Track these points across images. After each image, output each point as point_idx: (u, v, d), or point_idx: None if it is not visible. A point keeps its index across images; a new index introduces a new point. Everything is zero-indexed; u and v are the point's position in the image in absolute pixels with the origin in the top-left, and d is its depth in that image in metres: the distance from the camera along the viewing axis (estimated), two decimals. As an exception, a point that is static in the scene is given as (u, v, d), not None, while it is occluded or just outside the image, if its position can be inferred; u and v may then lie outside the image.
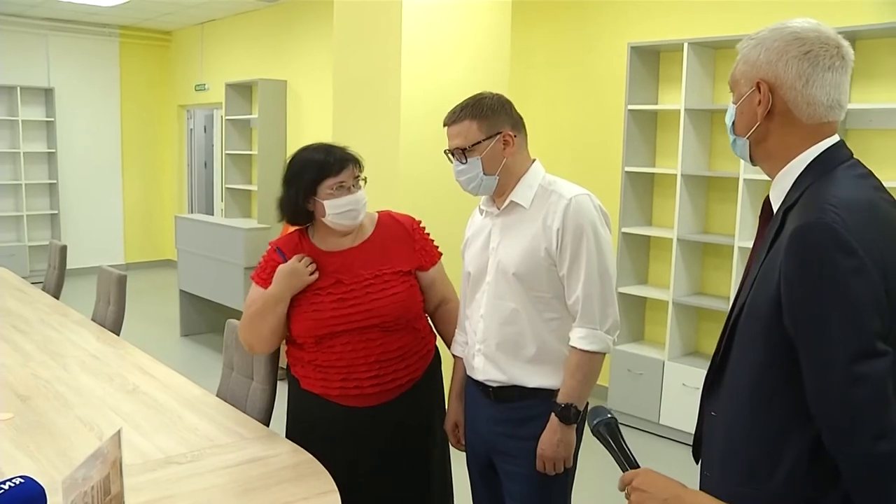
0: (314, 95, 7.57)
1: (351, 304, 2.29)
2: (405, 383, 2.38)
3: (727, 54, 4.59)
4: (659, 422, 4.70)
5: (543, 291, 2.11)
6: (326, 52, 7.12)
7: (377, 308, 2.30)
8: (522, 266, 2.10)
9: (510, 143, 2.14)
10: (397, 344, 2.34)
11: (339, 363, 2.30)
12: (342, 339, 2.29)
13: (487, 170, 2.13)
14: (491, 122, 2.12)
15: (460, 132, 2.13)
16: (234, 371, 2.91)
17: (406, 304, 2.35)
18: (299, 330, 2.31)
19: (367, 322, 2.29)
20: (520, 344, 2.13)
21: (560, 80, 5.59)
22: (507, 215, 2.18)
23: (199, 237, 6.47)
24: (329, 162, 2.30)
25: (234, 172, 8.50)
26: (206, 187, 10.14)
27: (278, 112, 7.88)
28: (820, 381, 1.23)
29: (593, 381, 2.12)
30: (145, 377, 2.92)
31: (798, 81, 1.35)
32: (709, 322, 4.80)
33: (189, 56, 9.70)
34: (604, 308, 2.09)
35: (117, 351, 3.27)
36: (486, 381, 2.20)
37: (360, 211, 2.33)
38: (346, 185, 2.29)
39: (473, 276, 2.24)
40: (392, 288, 2.33)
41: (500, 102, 2.16)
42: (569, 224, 2.07)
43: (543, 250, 2.08)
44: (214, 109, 9.57)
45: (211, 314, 6.84)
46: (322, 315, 2.28)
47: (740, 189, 4.32)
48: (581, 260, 2.06)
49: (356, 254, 2.37)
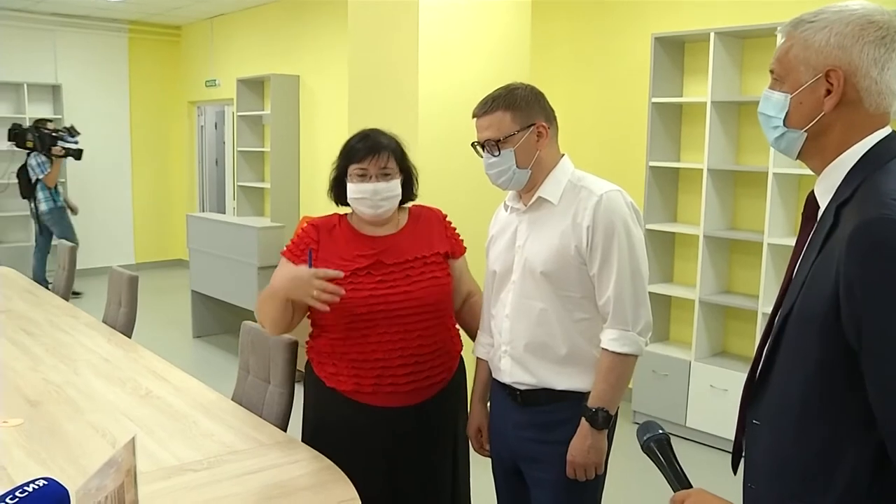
0: (328, 91, 7.57)
1: (390, 285, 2.30)
2: (439, 381, 2.39)
3: (756, 44, 4.53)
4: (686, 424, 4.66)
5: (573, 291, 2.09)
6: (341, 46, 7.14)
7: (417, 291, 2.31)
8: (551, 264, 2.09)
9: (544, 134, 2.13)
10: (433, 338, 2.35)
11: (373, 356, 2.29)
12: (378, 328, 2.28)
13: (521, 163, 2.11)
14: (525, 113, 2.11)
15: (492, 123, 2.11)
16: (250, 374, 2.89)
17: (446, 289, 2.39)
18: (334, 310, 2.21)
19: (405, 304, 2.29)
20: (549, 345, 2.12)
21: (582, 74, 5.56)
22: (535, 211, 2.16)
23: (211, 236, 6.48)
24: (357, 148, 2.34)
25: (246, 170, 8.52)
26: (218, 185, 10.17)
27: (291, 108, 7.89)
28: (886, 386, 1.17)
29: (625, 385, 2.10)
30: (158, 381, 2.90)
31: (873, 68, 1.29)
32: (737, 321, 4.76)
33: (199, 51, 9.72)
34: (636, 309, 2.06)
35: (129, 354, 3.26)
36: (514, 384, 2.18)
37: (378, 203, 2.33)
38: (369, 174, 2.31)
39: (499, 275, 2.23)
40: (432, 272, 2.36)
41: (534, 93, 2.15)
42: (599, 221, 2.05)
43: (573, 248, 2.07)
44: (225, 106, 9.58)
45: (224, 315, 6.85)
46: (360, 294, 2.27)
47: (770, 184, 4.27)
48: (612, 259, 2.04)
49: (397, 238, 2.39)
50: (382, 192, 2.32)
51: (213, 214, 7.63)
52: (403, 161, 2.40)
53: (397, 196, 2.37)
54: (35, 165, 8.08)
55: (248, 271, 5.99)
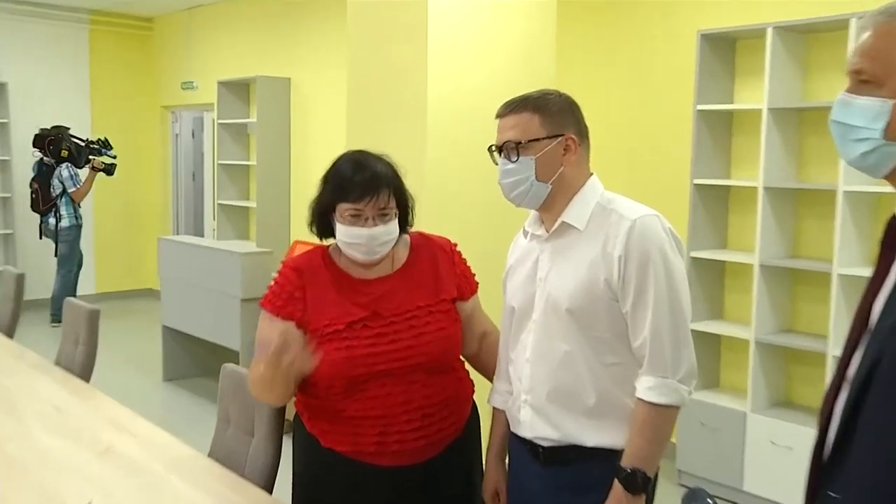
0: (324, 95, 7.59)
1: (391, 339, 2.30)
2: (451, 433, 2.40)
3: (822, 40, 4.52)
4: (742, 488, 4.61)
5: (603, 331, 2.09)
6: (339, 45, 7.15)
7: (422, 345, 2.32)
8: (577, 300, 2.09)
9: (572, 149, 2.15)
10: (441, 386, 2.37)
11: (374, 412, 2.30)
12: (378, 381, 2.29)
13: (541, 175, 2.13)
14: (556, 120, 2.14)
15: (518, 123, 2.14)
16: (231, 425, 2.89)
17: (454, 339, 2.41)
18: (326, 372, 2.27)
19: (409, 361, 2.30)
20: (575, 394, 2.11)
21: (615, 77, 5.55)
22: (558, 239, 2.17)
23: (186, 263, 6.46)
24: (352, 183, 2.29)
25: (228, 186, 8.53)
26: (195, 204, 10.20)
27: (281, 115, 7.92)
28: None
29: (665, 441, 2.08)
30: (121, 434, 2.89)
31: None
32: (801, 366, 4.72)
33: (174, 48, 9.79)
34: (676, 352, 2.06)
35: (87, 402, 3.25)
36: (535, 440, 2.18)
37: (374, 249, 2.32)
38: (364, 216, 2.29)
39: (518, 312, 2.23)
40: (438, 321, 2.37)
41: (569, 103, 2.19)
42: (633, 251, 2.05)
43: (603, 282, 2.07)
44: (204, 111, 9.63)
45: (201, 356, 6.82)
46: (356, 353, 2.28)
47: (839, 203, 4.25)
48: (648, 294, 2.04)
49: (394, 282, 2.39)
50: (381, 237, 2.31)
51: (188, 238, 7.60)
52: (400, 192, 2.38)
53: (394, 238, 2.37)
54: (67, 177, 8.46)
55: (229, 304, 5.97)
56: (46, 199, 8.54)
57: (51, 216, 8.55)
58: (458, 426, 2.44)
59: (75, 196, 8.52)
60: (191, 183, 10.30)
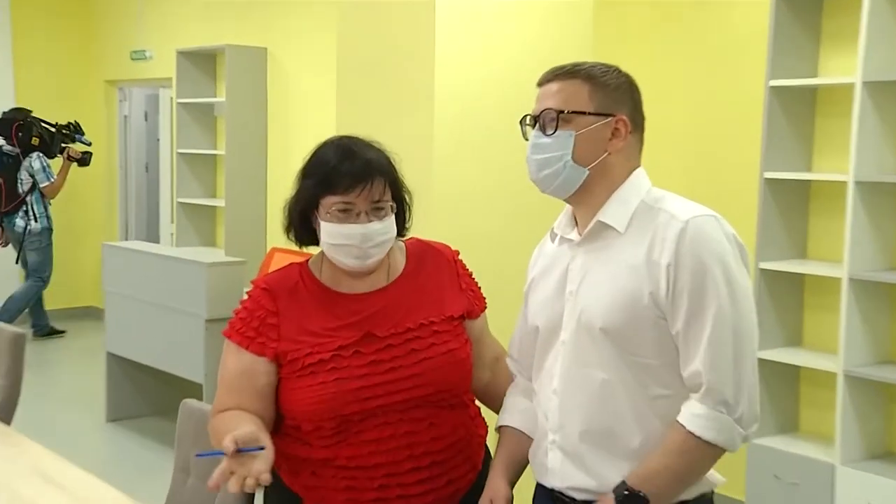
0: (309, 70, 7.59)
1: (389, 367, 2.33)
2: (463, 486, 2.44)
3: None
4: (828, 560, 4.59)
5: (648, 356, 2.11)
6: (327, 7, 7.10)
7: (427, 372, 2.35)
8: (614, 317, 2.11)
9: (622, 134, 2.19)
10: (453, 425, 2.41)
11: (372, 461, 2.32)
12: (376, 420, 2.31)
13: (578, 155, 2.16)
14: (609, 96, 2.18)
15: (563, 90, 2.18)
16: (191, 476, 2.87)
17: (465, 364, 2.45)
18: (310, 413, 2.29)
19: (412, 394, 2.33)
20: (615, 433, 2.13)
21: (665, 47, 5.54)
22: (593, 242, 2.20)
23: (138, 276, 6.44)
24: (337, 171, 2.32)
25: (190, 181, 8.54)
26: (149, 202, 10.25)
27: (256, 93, 7.94)
28: None
29: (690, 481, 2.10)
30: (50, 487, 2.86)
31: None
32: (905, 406, 4.71)
33: (122, 9, 9.77)
34: (737, 385, 2.06)
35: (7, 449, 3.24)
36: (567, 491, 2.19)
37: (368, 251, 2.34)
38: (355, 211, 2.32)
39: (543, 333, 2.27)
40: (445, 342, 2.40)
41: (628, 82, 2.25)
42: (685, 258, 2.06)
43: (647, 296, 2.08)
44: (161, 88, 9.66)
45: (155, 390, 6.80)
46: (347, 386, 2.29)
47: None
48: (705, 313, 2.05)
49: (390, 295, 2.42)
50: (376, 237, 2.33)
51: (141, 244, 7.64)
52: (396, 185, 2.43)
53: (392, 238, 2.40)
54: (39, 169, 8.60)
55: (191, 326, 5.95)
56: (12, 195, 8.61)
57: (17, 216, 8.64)
58: (472, 476, 2.47)
59: (49, 191, 8.66)
60: (143, 176, 10.38)
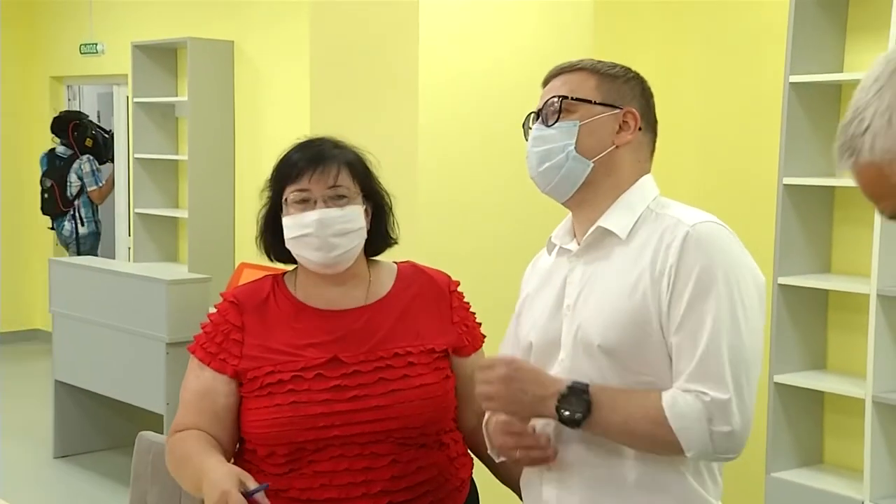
0: (281, 65, 7.59)
1: (352, 395, 2.36)
2: None
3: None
4: None
5: (651, 374, 2.11)
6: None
7: (393, 405, 2.38)
8: (613, 333, 2.11)
9: (630, 126, 2.22)
10: (418, 465, 2.42)
11: (324, 494, 2.36)
12: (332, 451, 2.36)
13: (582, 146, 2.19)
14: (616, 88, 2.24)
15: (569, 81, 2.24)
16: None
17: (440, 403, 2.46)
18: (262, 434, 2.36)
19: (375, 427, 2.36)
20: (615, 464, 2.15)
21: (675, 39, 5.55)
22: (594, 251, 2.21)
23: (90, 294, 6.39)
24: (291, 160, 2.43)
25: (149, 189, 8.53)
26: (104, 213, 10.12)
27: (222, 91, 7.94)
28: None
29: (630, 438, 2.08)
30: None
31: None
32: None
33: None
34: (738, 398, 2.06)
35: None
36: None
37: (328, 241, 2.37)
38: (312, 199, 2.38)
39: (538, 351, 2.27)
40: (420, 376, 2.43)
41: (638, 80, 2.30)
42: (688, 263, 2.06)
43: (649, 310, 2.10)
44: (114, 85, 9.65)
45: (109, 422, 6.78)
46: (304, 411, 2.33)
47: None
48: (704, 324, 2.03)
49: (367, 316, 2.45)
50: (335, 224, 2.36)
51: (93, 259, 7.63)
52: (367, 180, 2.47)
53: (359, 231, 2.42)
54: (89, 172, 8.96)
55: (150, 350, 5.87)
56: (64, 198, 8.92)
57: (66, 220, 8.98)
58: None
59: (96, 196, 8.99)
60: (96, 184, 10.44)
